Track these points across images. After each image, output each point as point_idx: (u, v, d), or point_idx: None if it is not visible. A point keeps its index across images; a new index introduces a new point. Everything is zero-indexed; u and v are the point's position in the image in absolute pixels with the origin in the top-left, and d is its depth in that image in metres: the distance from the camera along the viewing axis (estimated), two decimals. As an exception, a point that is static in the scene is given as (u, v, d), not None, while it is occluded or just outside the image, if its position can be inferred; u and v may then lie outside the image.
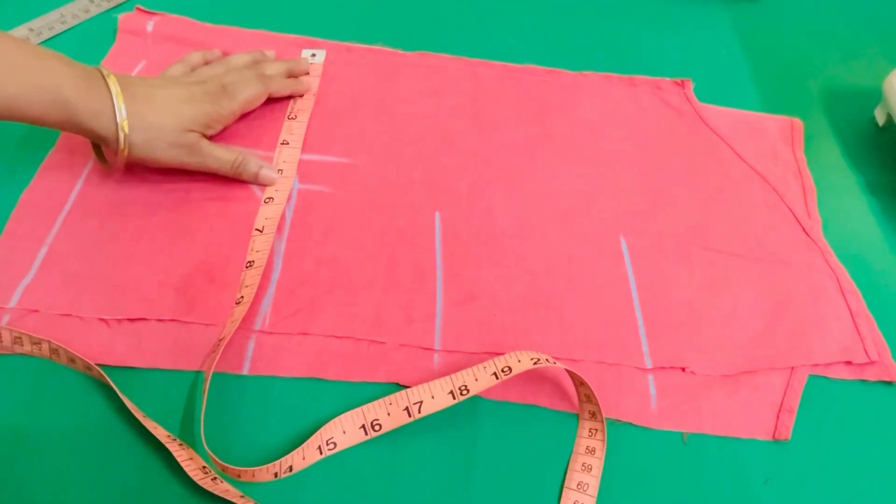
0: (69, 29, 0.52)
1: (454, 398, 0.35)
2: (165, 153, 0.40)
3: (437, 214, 0.44)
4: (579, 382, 0.36)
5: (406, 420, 0.34)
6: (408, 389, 0.35)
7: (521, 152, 0.48)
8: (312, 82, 0.50)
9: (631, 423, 0.37)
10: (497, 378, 0.35)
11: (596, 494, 0.34)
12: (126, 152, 0.39)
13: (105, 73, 0.38)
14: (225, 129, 0.45)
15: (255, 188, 0.44)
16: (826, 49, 0.58)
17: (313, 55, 0.52)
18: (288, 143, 0.46)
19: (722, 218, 0.46)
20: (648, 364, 0.39)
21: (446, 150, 0.48)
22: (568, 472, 0.35)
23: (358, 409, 0.35)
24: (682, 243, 0.44)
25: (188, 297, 0.39)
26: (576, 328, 0.40)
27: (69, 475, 0.33)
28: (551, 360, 0.36)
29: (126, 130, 0.38)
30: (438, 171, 0.46)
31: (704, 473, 0.36)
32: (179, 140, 0.40)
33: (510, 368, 0.35)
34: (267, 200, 0.43)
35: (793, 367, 0.39)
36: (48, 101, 0.36)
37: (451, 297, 0.40)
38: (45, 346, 0.36)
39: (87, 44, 0.51)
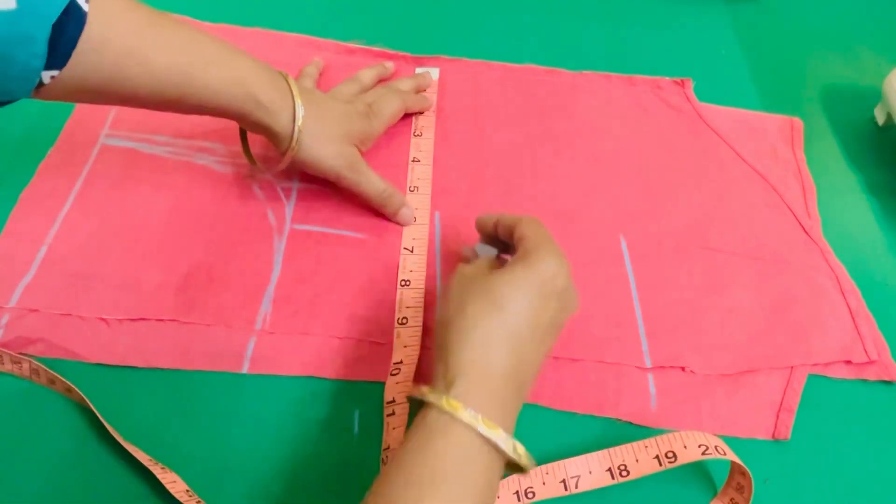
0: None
1: (612, 477, 0.34)
2: (331, 160, 0.41)
3: (437, 214, 0.44)
4: (740, 472, 0.34)
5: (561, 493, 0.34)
6: (565, 462, 0.34)
7: (520, 152, 0.48)
8: (431, 98, 0.50)
9: (631, 423, 0.37)
10: (660, 464, 0.34)
11: None
12: (296, 151, 0.39)
13: (286, 75, 0.39)
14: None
15: (256, 188, 0.44)
16: (826, 49, 0.58)
17: (427, 71, 0.52)
18: (419, 161, 0.46)
19: (722, 217, 0.46)
20: (648, 363, 0.39)
21: (446, 149, 0.48)
22: None
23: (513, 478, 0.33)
24: (682, 242, 0.44)
25: (188, 297, 0.39)
26: (575, 328, 0.40)
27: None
28: (721, 448, 0.34)
29: (301, 130, 0.38)
30: (438, 171, 0.46)
31: (704, 473, 0.36)
32: (344, 150, 0.41)
33: (675, 455, 0.34)
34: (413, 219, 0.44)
35: (792, 367, 0.39)
36: (236, 94, 0.37)
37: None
38: (25, 365, 0.36)
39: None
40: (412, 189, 0.45)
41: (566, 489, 0.33)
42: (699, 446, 0.34)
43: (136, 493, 0.33)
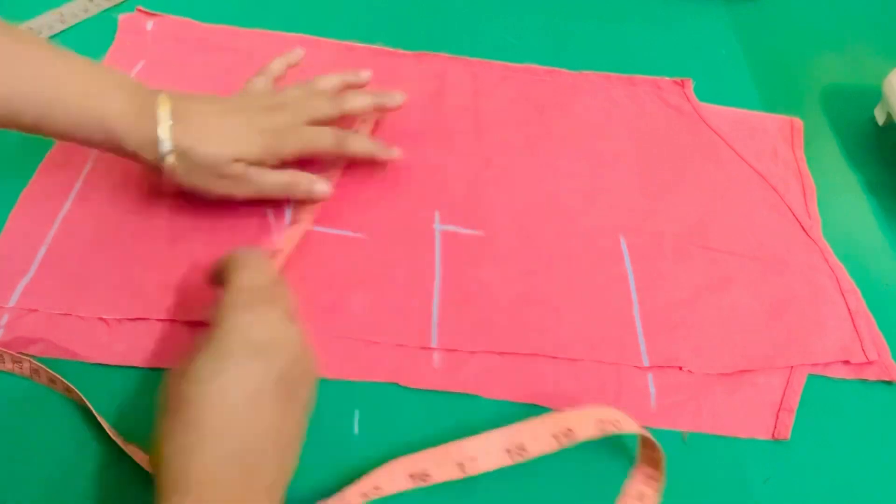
0: (68, 28, 0.52)
1: (510, 458, 0.33)
2: (213, 184, 0.38)
3: (437, 213, 0.44)
4: (649, 446, 0.35)
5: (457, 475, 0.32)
6: (462, 442, 0.33)
7: (520, 152, 0.48)
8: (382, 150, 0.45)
9: (630, 423, 0.37)
10: (558, 442, 0.33)
11: None
12: (172, 180, 0.38)
13: (161, 100, 0.36)
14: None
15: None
16: (826, 49, 0.58)
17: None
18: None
19: (722, 217, 0.46)
20: (646, 363, 0.39)
21: (446, 149, 0.48)
22: None
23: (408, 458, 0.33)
24: (682, 243, 0.44)
25: (188, 297, 0.39)
26: (574, 327, 0.40)
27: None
28: (622, 423, 0.33)
29: (168, 162, 0.36)
30: (438, 171, 0.46)
31: (704, 473, 0.36)
32: (225, 171, 0.38)
33: (572, 431, 0.33)
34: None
35: (792, 367, 0.39)
36: (94, 130, 0.35)
37: (449, 297, 0.40)
38: (25, 364, 0.35)
39: (86, 43, 0.51)
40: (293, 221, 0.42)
41: (463, 472, 0.33)
42: (597, 421, 0.33)
43: (135, 493, 0.33)
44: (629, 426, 0.33)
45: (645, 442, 0.35)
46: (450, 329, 0.39)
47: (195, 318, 0.38)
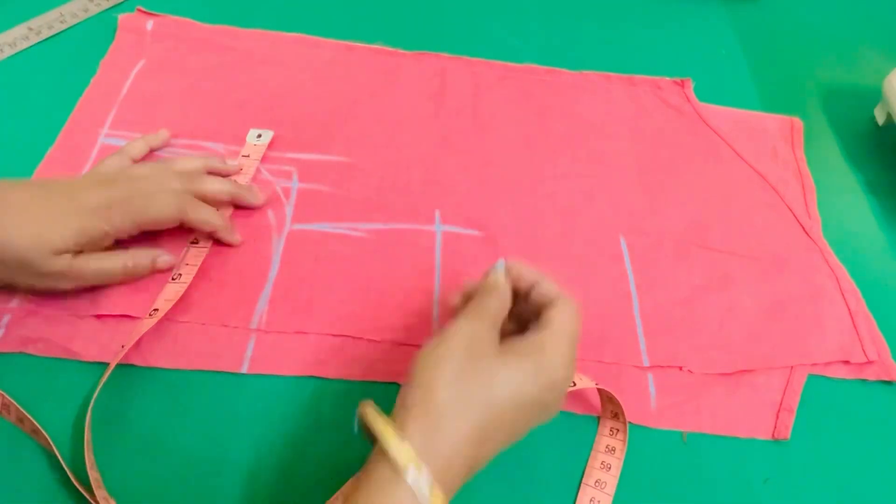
0: (68, 28, 0.52)
1: None
2: (38, 282, 0.34)
3: (437, 213, 0.44)
4: (608, 398, 0.36)
5: None
6: None
7: (520, 152, 0.48)
8: (248, 167, 0.44)
9: (631, 423, 0.37)
10: None
11: (613, 493, 0.34)
12: None
13: None
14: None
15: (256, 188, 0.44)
16: (826, 49, 0.58)
17: (259, 136, 0.46)
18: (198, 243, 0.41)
19: (721, 217, 0.46)
20: (646, 363, 0.39)
21: (446, 149, 0.48)
22: (587, 469, 0.35)
23: None
24: (682, 242, 0.44)
25: (185, 297, 0.39)
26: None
27: None
28: (578, 382, 0.35)
29: None
30: (438, 171, 0.46)
31: (704, 472, 0.36)
32: (45, 268, 0.33)
33: None
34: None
35: (792, 367, 0.39)
36: None
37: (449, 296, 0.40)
38: None
39: (86, 43, 0.51)
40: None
41: None
42: None
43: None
44: (583, 383, 0.34)
45: (602, 396, 0.36)
46: (450, 329, 0.39)
47: (192, 318, 0.38)
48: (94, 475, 0.32)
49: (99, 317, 0.38)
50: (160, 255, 0.39)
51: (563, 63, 0.54)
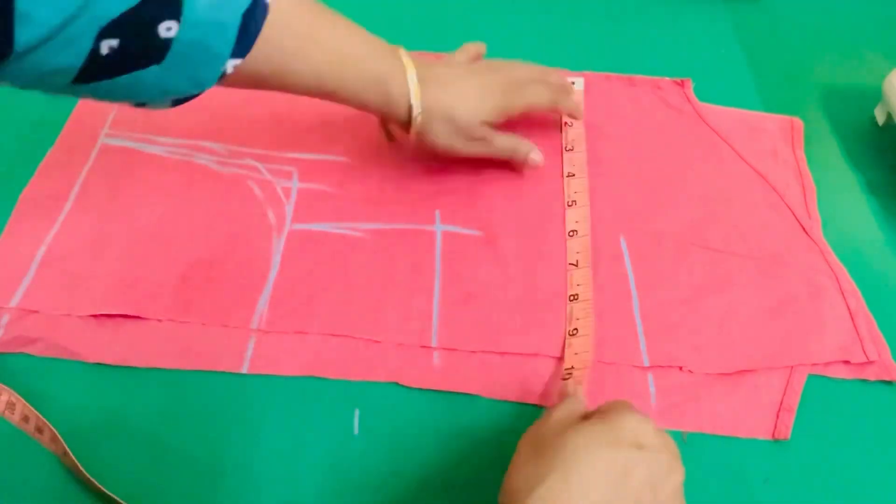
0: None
1: None
2: (463, 146, 0.42)
3: (437, 213, 0.44)
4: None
5: None
6: None
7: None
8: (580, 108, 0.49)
9: (630, 423, 0.37)
10: None
11: None
12: (421, 140, 0.41)
13: (406, 64, 0.39)
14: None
15: (256, 188, 0.44)
16: (826, 48, 0.58)
17: (573, 83, 0.51)
18: (574, 175, 0.46)
19: (721, 217, 0.46)
20: (646, 363, 0.39)
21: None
22: None
23: None
24: (682, 242, 0.44)
25: (186, 298, 0.39)
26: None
27: None
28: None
29: (418, 122, 0.39)
30: (438, 171, 0.46)
31: (704, 472, 0.36)
32: (476, 133, 0.41)
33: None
34: (571, 234, 0.43)
35: (792, 367, 0.39)
36: (376, 92, 0.38)
37: (449, 296, 0.40)
38: (3, 397, 0.34)
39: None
40: (570, 203, 0.45)
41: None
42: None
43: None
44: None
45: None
46: (450, 329, 0.39)
47: (192, 318, 0.38)
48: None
49: (99, 317, 0.38)
50: (534, 150, 0.44)
51: (563, 63, 0.54)
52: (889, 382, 0.39)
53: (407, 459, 0.35)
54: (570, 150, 0.48)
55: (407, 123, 0.40)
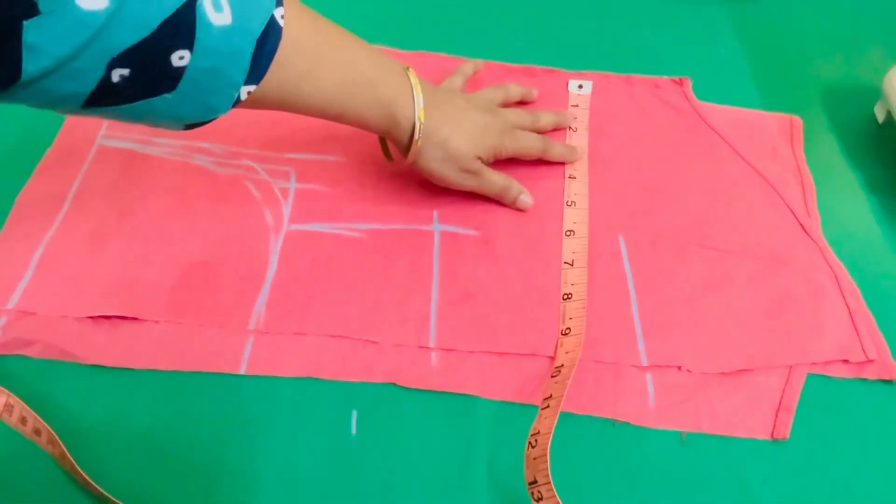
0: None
1: None
2: (455, 177, 0.42)
3: (435, 213, 0.44)
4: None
5: None
6: None
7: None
8: (581, 115, 0.50)
9: (629, 423, 0.37)
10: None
11: None
12: (416, 165, 0.41)
13: (414, 83, 0.39)
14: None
15: (253, 188, 0.44)
16: (826, 47, 0.58)
17: (580, 86, 0.52)
18: (575, 178, 0.47)
19: (720, 216, 0.46)
20: (644, 362, 0.39)
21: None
22: None
23: None
24: (681, 241, 0.44)
25: (184, 299, 0.39)
26: (573, 327, 0.40)
27: None
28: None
29: (416, 146, 0.39)
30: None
31: (703, 472, 0.36)
32: (470, 165, 0.42)
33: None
34: (568, 233, 0.44)
35: (791, 366, 0.39)
36: (382, 115, 0.38)
37: (447, 297, 0.40)
38: (2, 399, 0.34)
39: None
40: (569, 204, 0.45)
41: None
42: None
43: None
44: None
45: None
46: (448, 329, 0.39)
47: (189, 320, 0.38)
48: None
49: (96, 318, 0.38)
50: (524, 193, 0.45)
51: (563, 63, 0.54)
52: (888, 381, 0.39)
53: (404, 460, 0.35)
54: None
55: (406, 148, 0.40)
